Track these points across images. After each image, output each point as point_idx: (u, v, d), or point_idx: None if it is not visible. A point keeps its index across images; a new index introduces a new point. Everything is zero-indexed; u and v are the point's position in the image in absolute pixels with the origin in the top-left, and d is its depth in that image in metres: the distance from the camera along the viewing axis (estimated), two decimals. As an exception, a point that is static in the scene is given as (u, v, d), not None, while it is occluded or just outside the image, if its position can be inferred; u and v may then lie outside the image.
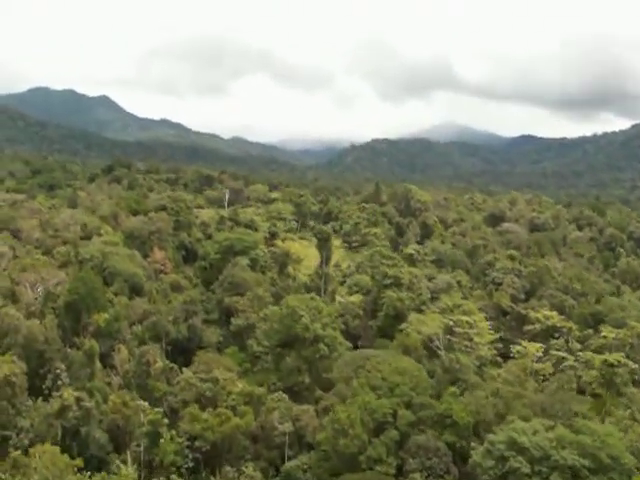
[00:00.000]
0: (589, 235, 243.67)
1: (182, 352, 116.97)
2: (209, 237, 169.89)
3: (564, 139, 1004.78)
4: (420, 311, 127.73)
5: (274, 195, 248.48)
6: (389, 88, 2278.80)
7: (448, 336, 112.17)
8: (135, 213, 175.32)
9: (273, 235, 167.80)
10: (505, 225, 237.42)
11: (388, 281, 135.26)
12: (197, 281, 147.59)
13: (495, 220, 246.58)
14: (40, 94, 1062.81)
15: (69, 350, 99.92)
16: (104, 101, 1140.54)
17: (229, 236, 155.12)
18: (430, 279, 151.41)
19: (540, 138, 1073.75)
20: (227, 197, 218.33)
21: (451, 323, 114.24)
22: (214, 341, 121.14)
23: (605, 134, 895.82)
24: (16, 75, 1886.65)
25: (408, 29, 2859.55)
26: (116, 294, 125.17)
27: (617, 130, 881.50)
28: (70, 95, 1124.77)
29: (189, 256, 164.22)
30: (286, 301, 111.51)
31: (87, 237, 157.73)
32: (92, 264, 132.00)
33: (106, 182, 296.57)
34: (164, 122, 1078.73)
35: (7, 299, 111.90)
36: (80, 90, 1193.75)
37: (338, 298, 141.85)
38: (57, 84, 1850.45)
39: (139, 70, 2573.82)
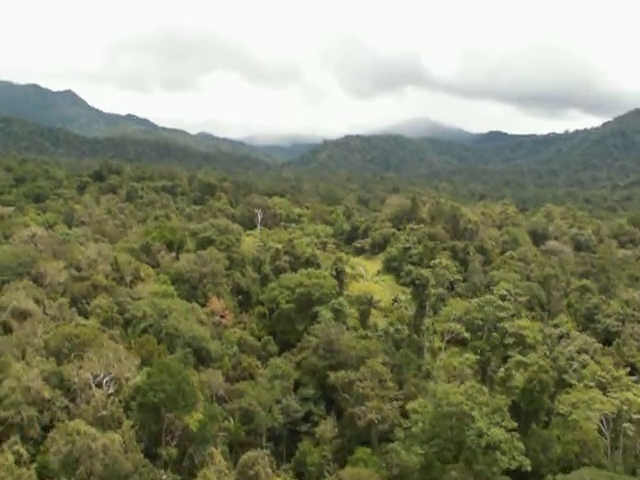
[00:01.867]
0: (637, 254, 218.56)
1: (276, 441, 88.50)
2: (265, 277, 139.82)
3: (533, 136, 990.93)
4: (565, 385, 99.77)
5: (298, 210, 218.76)
6: (359, 83, 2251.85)
7: (626, 424, 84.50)
8: (170, 245, 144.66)
9: (339, 272, 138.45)
10: (550, 244, 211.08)
11: (510, 340, 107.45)
12: (267, 338, 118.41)
13: (536, 238, 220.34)
14: (2, 88, 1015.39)
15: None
16: (69, 96, 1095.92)
17: (302, 281, 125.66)
18: (560, 337, 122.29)
19: (509, 135, 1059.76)
20: (260, 218, 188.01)
21: (622, 405, 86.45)
22: (328, 436, 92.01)
23: (577, 132, 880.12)
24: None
25: (378, 24, 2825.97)
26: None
27: (589, 127, 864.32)
28: (33, 90, 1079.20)
29: (245, 300, 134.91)
30: (439, 391, 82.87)
31: (121, 279, 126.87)
32: (145, 324, 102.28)
33: (98, 191, 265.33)
34: (130, 117, 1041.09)
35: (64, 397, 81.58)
36: (44, 84, 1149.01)
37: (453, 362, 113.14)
38: (20, 78, 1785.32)
39: (104, 64, 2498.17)
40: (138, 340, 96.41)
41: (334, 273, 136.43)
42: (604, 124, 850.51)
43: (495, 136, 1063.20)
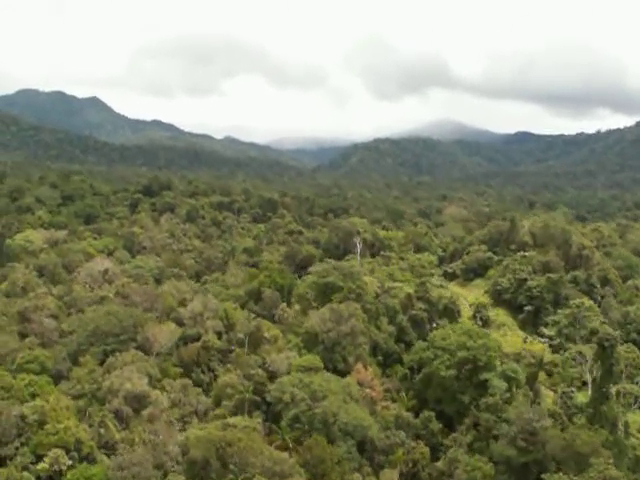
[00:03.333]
0: None
1: None
2: (402, 330, 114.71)
3: (562, 136, 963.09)
4: None
5: (384, 233, 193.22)
6: (384, 86, 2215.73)
7: None
8: (281, 290, 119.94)
9: (484, 322, 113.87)
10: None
11: None
12: (428, 414, 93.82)
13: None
14: (29, 96, 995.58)
15: None
16: (94, 102, 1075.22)
17: (463, 342, 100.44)
18: None
19: (536, 135, 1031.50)
20: (360, 247, 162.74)
21: None
22: None
23: (609, 131, 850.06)
24: (4, 77, 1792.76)
25: (403, 26, 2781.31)
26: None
27: (622, 127, 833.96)
28: (59, 97, 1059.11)
29: (383, 361, 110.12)
30: None
31: (238, 340, 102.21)
32: (296, 411, 78.06)
33: (151, 208, 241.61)
34: (156, 123, 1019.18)
35: None
36: (69, 91, 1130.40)
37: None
38: (46, 85, 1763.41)
39: (129, 70, 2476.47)
40: (305, 443, 72.13)
41: (479, 323, 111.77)
42: (638, 123, 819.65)
43: (523, 136, 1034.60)
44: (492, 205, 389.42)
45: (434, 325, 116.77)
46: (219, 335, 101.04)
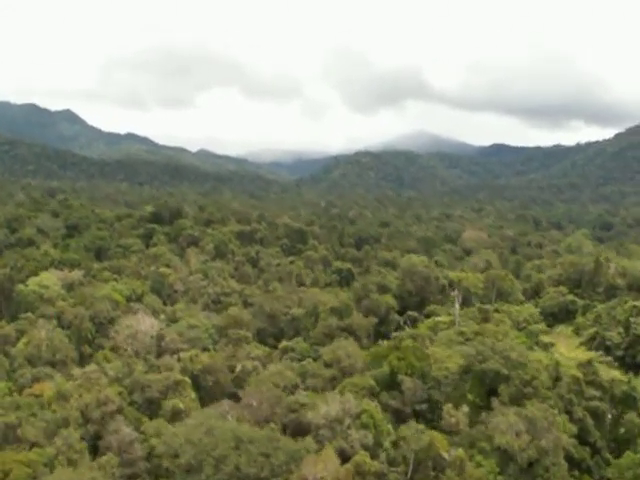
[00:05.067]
0: None
1: None
2: (583, 429, 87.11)
3: (539, 148, 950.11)
4: None
5: (452, 274, 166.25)
6: (360, 98, 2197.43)
7: None
8: (422, 375, 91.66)
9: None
10: None
11: None
12: None
13: None
14: (0, 109, 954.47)
15: None
16: (68, 115, 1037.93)
17: None
18: None
19: (512, 147, 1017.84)
20: (459, 303, 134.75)
21: None
22: None
23: (588, 144, 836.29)
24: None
25: (380, 38, 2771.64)
26: None
27: (601, 139, 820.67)
28: (32, 109, 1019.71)
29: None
30: None
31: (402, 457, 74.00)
32: None
33: (166, 239, 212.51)
34: (130, 136, 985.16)
35: None
36: (42, 104, 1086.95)
37: None
38: (18, 98, 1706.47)
39: (102, 82, 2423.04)
40: None
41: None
42: (617, 135, 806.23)
43: (499, 148, 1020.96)
44: (503, 226, 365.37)
45: (609, 417, 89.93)
46: (370, 451, 72.92)
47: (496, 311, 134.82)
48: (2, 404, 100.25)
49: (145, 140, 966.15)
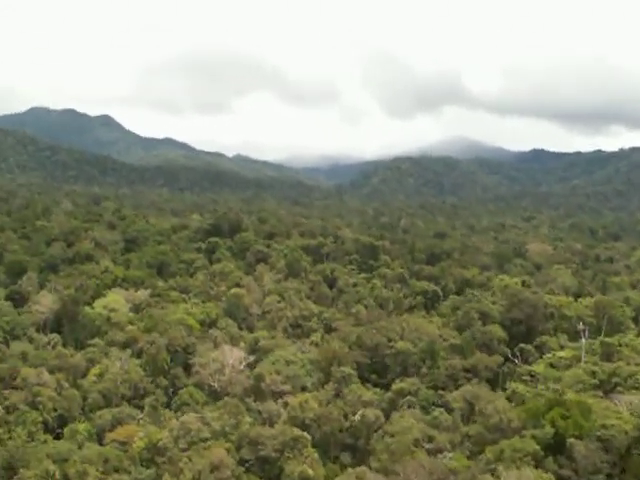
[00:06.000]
0: None
1: None
2: None
3: (580, 153, 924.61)
4: None
5: (558, 300, 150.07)
6: (396, 103, 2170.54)
7: None
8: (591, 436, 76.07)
9: None
10: None
11: None
12: None
13: None
14: (40, 114, 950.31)
15: None
16: (106, 120, 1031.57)
17: None
18: None
19: (551, 152, 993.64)
20: (585, 336, 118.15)
21: None
22: None
23: (633, 149, 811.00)
24: (14, 95, 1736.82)
25: (418, 43, 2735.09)
26: None
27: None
28: (71, 115, 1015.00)
29: None
30: None
31: None
32: None
33: (229, 254, 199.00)
34: (168, 141, 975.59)
35: None
36: (80, 109, 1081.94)
37: None
38: (57, 104, 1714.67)
39: (140, 87, 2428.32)
40: None
41: None
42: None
43: (538, 154, 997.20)
44: (563, 237, 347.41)
45: None
46: None
47: (618, 345, 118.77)
48: (88, 456, 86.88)
49: (183, 145, 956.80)
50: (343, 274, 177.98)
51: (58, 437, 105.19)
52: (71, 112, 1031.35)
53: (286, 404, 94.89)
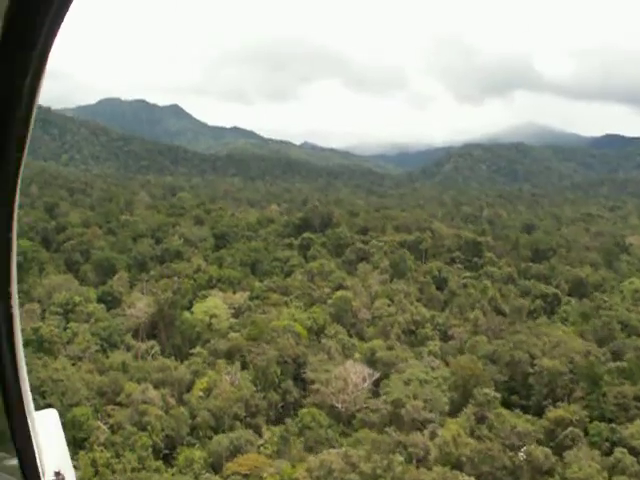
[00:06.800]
0: None
1: None
2: None
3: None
4: None
5: None
6: (465, 88, 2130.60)
7: None
8: None
9: None
10: None
11: None
12: None
13: None
14: (111, 105, 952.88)
15: None
16: (175, 110, 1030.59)
17: None
18: None
19: (627, 137, 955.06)
20: None
21: None
22: None
23: None
24: (86, 87, 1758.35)
25: (486, 26, 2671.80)
26: None
27: None
28: (141, 105, 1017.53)
29: None
30: None
31: None
32: None
33: (324, 251, 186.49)
34: (236, 130, 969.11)
35: None
36: (151, 99, 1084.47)
37: None
38: (128, 94, 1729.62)
39: (207, 76, 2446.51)
40: None
41: None
42: None
43: (612, 139, 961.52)
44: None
45: None
46: None
47: None
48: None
49: (251, 134, 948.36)
50: (452, 274, 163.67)
51: (167, 462, 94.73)
52: (141, 102, 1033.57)
53: (433, 435, 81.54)
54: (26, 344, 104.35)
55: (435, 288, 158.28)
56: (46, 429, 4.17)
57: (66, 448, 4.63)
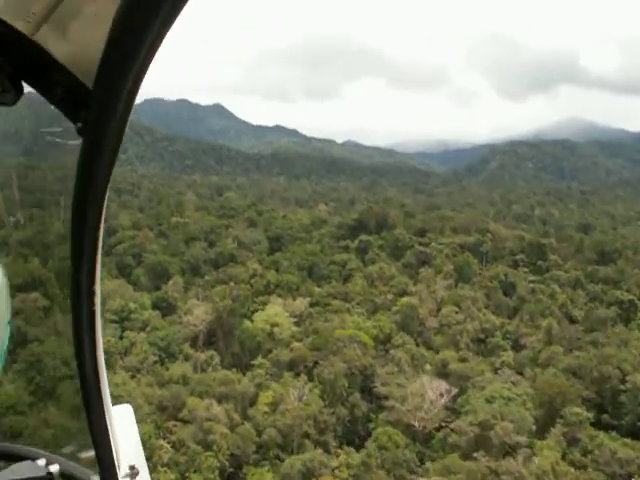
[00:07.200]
0: None
1: None
2: None
3: None
4: None
5: None
6: (508, 84, 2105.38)
7: None
8: None
9: None
10: None
11: None
12: None
13: None
14: (155, 105, 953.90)
15: None
16: (217, 109, 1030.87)
17: None
18: None
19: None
20: None
21: None
22: None
23: None
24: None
25: (529, 21, 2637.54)
26: None
27: None
28: (184, 105, 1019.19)
29: None
30: None
31: None
32: None
33: (381, 253, 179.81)
34: (278, 128, 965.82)
35: None
36: (193, 99, 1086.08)
37: None
38: (170, 94, 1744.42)
39: (249, 75, 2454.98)
40: None
41: None
42: None
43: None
44: None
45: None
46: None
47: None
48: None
49: (293, 132, 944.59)
50: (519, 279, 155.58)
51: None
52: (184, 102, 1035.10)
53: (526, 461, 74.19)
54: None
55: (502, 294, 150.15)
56: (122, 424, 4.29)
57: (140, 443, 4.62)
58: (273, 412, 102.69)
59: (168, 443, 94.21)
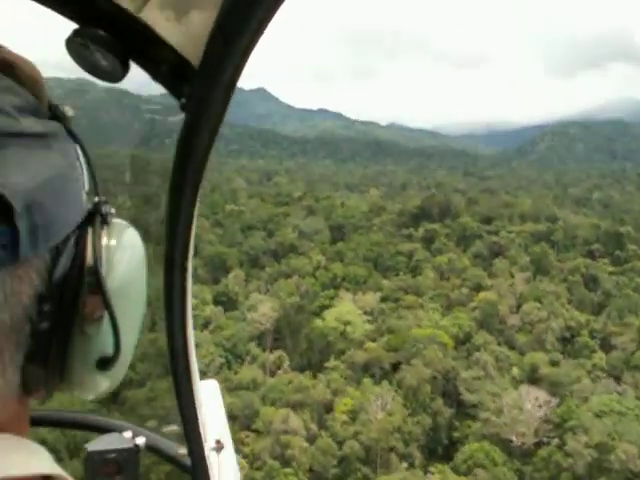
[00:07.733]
0: None
1: None
2: None
3: None
4: None
5: None
6: (556, 62, 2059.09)
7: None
8: None
9: None
10: None
11: None
12: None
13: None
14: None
15: None
16: (261, 93, 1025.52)
17: None
18: None
19: None
20: None
21: None
22: None
23: None
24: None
25: None
26: None
27: None
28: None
29: None
30: None
31: None
32: None
33: (448, 243, 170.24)
34: (322, 112, 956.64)
35: None
36: (238, 84, 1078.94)
37: None
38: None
39: (292, 58, 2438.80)
40: None
41: None
42: None
43: None
44: None
45: None
46: None
47: None
48: None
49: (337, 115, 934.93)
50: (600, 271, 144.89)
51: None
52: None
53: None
54: (147, 358, 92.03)
55: (584, 287, 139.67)
56: (209, 398, 4.30)
57: (226, 418, 4.57)
58: (352, 421, 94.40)
59: (243, 457, 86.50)
